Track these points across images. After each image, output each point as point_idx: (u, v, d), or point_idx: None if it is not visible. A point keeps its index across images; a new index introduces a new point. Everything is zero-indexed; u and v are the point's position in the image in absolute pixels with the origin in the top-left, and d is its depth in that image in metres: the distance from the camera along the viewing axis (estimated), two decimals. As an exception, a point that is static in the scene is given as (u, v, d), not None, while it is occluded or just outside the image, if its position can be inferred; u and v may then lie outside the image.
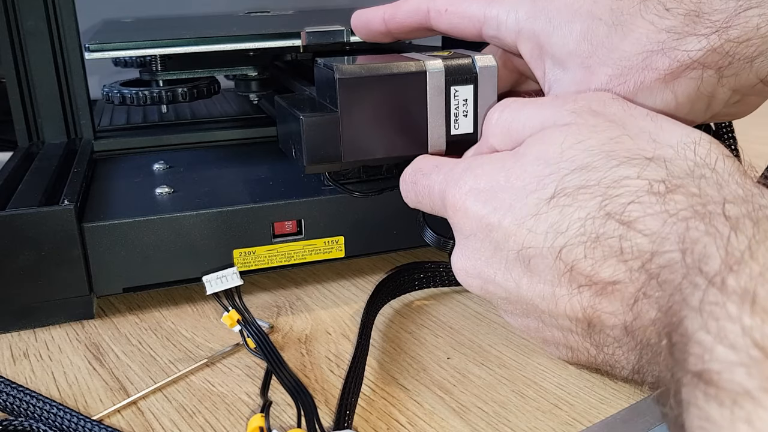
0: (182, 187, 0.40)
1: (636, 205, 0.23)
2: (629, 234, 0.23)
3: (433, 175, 0.32)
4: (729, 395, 0.16)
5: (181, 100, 0.50)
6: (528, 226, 0.26)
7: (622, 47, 0.29)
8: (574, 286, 0.25)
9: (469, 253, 0.29)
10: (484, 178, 0.28)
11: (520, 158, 0.28)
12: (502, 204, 0.27)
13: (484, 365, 0.32)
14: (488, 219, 0.27)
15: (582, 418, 0.28)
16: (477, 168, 0.29)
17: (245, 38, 0.44)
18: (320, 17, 0.56)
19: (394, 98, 0.34)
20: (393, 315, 0.37)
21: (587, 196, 0.24)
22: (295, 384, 0.29)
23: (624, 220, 0.23)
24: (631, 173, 0.24)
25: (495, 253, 0.28)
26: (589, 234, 0.24)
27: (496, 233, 0.27)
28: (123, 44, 0.42)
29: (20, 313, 0.35)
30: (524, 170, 0.27)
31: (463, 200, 0.29)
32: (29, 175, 0.40)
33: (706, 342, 0.17)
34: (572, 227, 0.24)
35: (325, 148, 0.34)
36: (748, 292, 0.17)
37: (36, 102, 0.47)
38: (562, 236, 0.25)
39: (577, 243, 0.24)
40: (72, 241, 0.34)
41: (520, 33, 0.33)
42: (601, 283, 0.24)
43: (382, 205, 0.39)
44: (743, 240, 0.19)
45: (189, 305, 0.39)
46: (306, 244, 0.38)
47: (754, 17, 0.27)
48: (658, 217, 0.22)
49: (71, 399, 0.30)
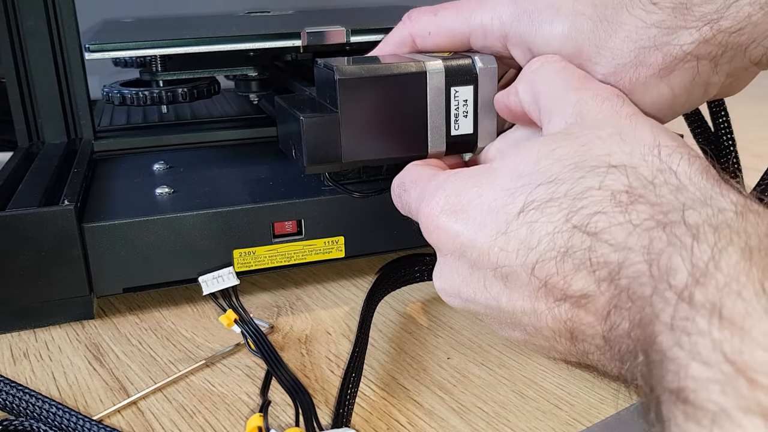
0: (182, 187, 0.40)
1: (601, 216, 0.23)
2: (596, 245, 0.23)
3: (411, 191, 0.31)
4: (706, 415, 0.16)
5: (181, 101, 0.50)
6: (500, 244, 0.25)
7: (611, 45, 0.29)
8: (551, 300, 0.25)
9: (447, 273, 0.29)
10: (457, 196, 0.28)
11: (494, 172, 0.28)
12: (474, 221, 0.27)
13: (484, 365, 0.32)
14: (461, 238, 0.27)
15: (582, 418, 0.28)
16: (449, 185, 0.29)
17: (245, 38, 0.44)
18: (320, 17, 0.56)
19: (394, 99, 0.34)
20: (393, 315, 0.37)
21: (554, 209, 0.24)
22: (293, 383, 0.29)
23: (590, 231, 0.23)
24: (594, 183, 0.24)
25: (472, 272, 0.27)
26: (559, 248, 0.24)
27: (471, 252, 0.27)
28: (123, 44, 0.42)
29: (20, 313, 0.35)
30: (497, 184, 0.27)
31: (436, 219, 0.28)
32: (29, 175, 0.40)
33: (680, 359, 0.17)
34: (542, 242, 0.24)
35: (325, 148, 0.34)
36: (716, 305, 0.17)
37: (36, 102, 0.47)
38: (533, 252, 0.24)
39: (548, 258, 0.24)
40: (72, 242, 0.34)
41: (507, 38, 0.33)
42: (574, 297, 0.24)
43: (382, 205, 0.39)
44: (706, 250, 0.19)
45: (189, 305, 0.39)
46: (306, 244, 0.38)
47: (745, 6, 0.27)
48: (622, 227, 0.22)
49: (71, 399, 0.30)
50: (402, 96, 0.34)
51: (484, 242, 0.26)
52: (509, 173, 0.27)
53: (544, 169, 0.26)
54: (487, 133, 0.35)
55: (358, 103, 0.33)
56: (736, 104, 0.42)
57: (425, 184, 0.30)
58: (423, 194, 0.30)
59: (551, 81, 0.30)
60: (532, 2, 0.31)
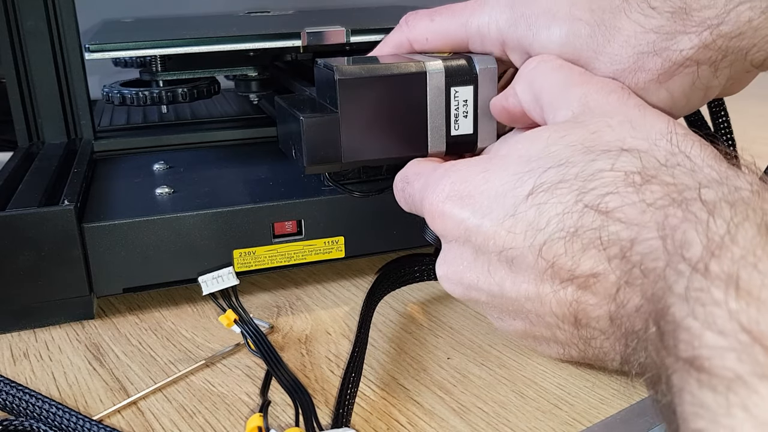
0: (182, 188, 0.40)
1: (613, 196, 0.23)
2: (607, 223, 0.23)
3: (415, 182, 0.32)
4: (722, 381, 0.16)
5: (181, 101, 0.50)
6: (507, 226, 0.26)
7: (609, 50, 0.29)
8: (557, 282, 0.25)
9: (451, 259, 0.29)
10: (463, 183, 0.28)
11: (502, 159, 0.28)
12: (481, 206, 0.27)
13: (484, 365, 0.32)
14: (467, 223, 0.27)
15: (582, 418, 0.28)
16: (455, 173, 0.29)
17: (245, 38, 0.44)
18: (320, 17, 0.56)
19: (394, 99, 0.34)
20: (393, 315, 0.37)
21: (564, 190, 0.24)
22: (292, 383, 0.29)
23: (602, 209, 0.23)
24: (605, 165, 0.24)
25: (476, 258, 0.27)
26: (568, 228, 0.24)
27: (476, 237, 0.27)
28: (123, 44, 0.42)
29: (20, 313, 0.35)
30: (505, 170, 0.27)
31: (441, 206, 0.28)
32: (29, 175, 0.40)
33: (694, 328, 0.17)
34: (551, 223, 0.24)
35: (325, 148, 0.34)
36: (732, 276, 0.17)
37: (36, 102, 0.47)
38: (541, 233, 0.25)
39: (556, 239, 0.24)
40: (72, 242, 0.34)
41: (505, 43, 0.33)
42: (582, 276, 0.24)
43: (382, 205, 0.39)
44: (722, 224, 0.19)
45: (189, 305, 0.39)
46: (306, 245, 0.38)
47: (745, 11, 0.26)
48: (635, 206, 0.23)
49: (71, 399, 0.30)
50: (402, 96, 0.34)
51: (490, 226, 0.26)
52: (518, 159, 0.27)
53: (554, 153, 0.26)
54: (487, 133, 0.35)
55: (358, 103, 0.33)
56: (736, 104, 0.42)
57: (429, 173, 0.30)
58: (427, 183, 0.30)
59: (552, 77, 0.30)
60: (528, 7, 0.31)
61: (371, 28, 0.44)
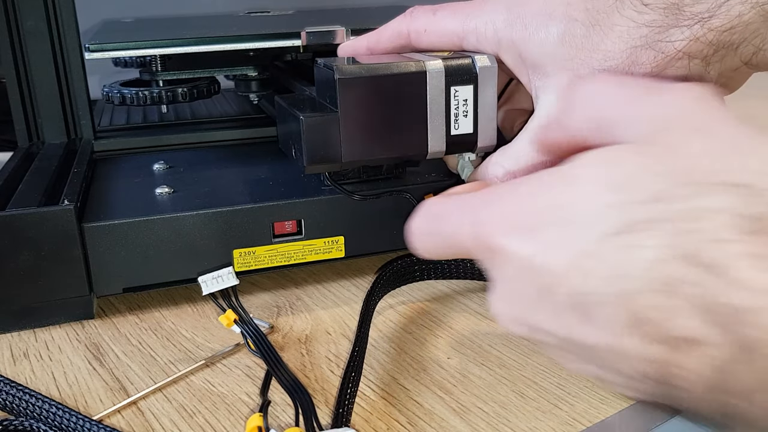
0: (182, 187, 0.40)
1: (721, 245, 0.19)
2: (710, 282, 0.19)
3: (454, 217, 0.26)
4: None
5: (181, 100, 0.50)
6: (584, 268, 0.22)
7: (603, 47, 0.29)
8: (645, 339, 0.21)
9: (509, 297, 0.25)
10: (525, 210, 0.24)
11: (573, 181, 0.23)
12: (550, 241, 0.23)
13: (484, 365, 0.32)
14: (532, 260, 0.23)
15: (582, 418, 0.28)
16: (513, 198, 0.24)
17: (245, 38, 0.44)
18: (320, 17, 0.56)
19: (394, 98, 0.34)
20: (393, 315, 0.37)
21: (658, 232, 0.20)
22: (292, 382, 0.29)
23: (705, 263, 0.20)
24: (712, 204, 0.20)
25: (541, 298, 0.23)
26: (662, 279, 0.20)
27: (543, 277, 0.23)
28: (123, 44, 0.42)
29: (20, 313, 0.35)
30: (578, 197, 0.23)
31: (500, 240, 0.24)
32: (29, 175, 0.40)
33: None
34: (640, 271, 0.21)
35: (325, 148, 0.34)
36: None
37: (36, 102, 0.47)
38: (626, 281, 0.21)
39: (645, 290, 0.20)
40: (72, 241, 0.34)
41: (499, 44, 0.33)
42: (675, 340, 0.20)
43: (382, 205, 0.39)
44: None
45: (189, 305, 0.39)
46: (306, 244, 0.38)
47: (736, 5, 0.27)
48: (753, 262, 0.19)
49: (71, 399, 0.30)
50: (402, 95, 0.34)
51: (562, 264, 0.22)
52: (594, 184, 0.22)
53: (645, 183, 0.22)
54: (488, 133, 0.35)
55: (358, 102, 0.33)
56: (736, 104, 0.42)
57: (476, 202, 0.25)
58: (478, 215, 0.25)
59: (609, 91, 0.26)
60: (525, 8, 0.31)
61: (371, 28, 0.44)
